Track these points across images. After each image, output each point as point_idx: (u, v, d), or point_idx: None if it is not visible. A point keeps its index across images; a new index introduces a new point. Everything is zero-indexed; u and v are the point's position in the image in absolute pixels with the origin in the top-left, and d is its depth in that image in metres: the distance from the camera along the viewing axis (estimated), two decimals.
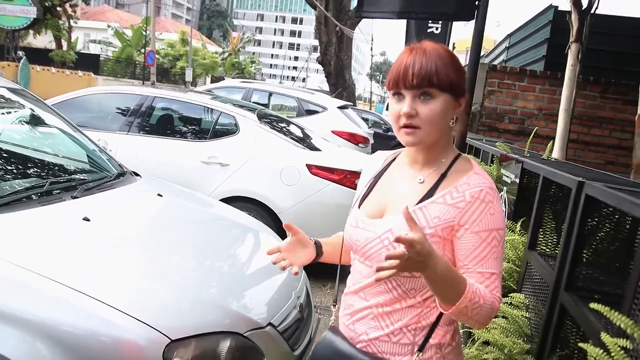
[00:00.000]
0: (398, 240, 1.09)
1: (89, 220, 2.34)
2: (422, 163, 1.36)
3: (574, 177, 1.55)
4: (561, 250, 1.52)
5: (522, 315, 1.71)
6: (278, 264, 1.47)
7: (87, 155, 3.31)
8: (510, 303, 1.79)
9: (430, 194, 1.30)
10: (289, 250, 1.48)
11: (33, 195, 2.44)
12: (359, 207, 1.42)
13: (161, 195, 3.05)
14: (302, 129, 5.90)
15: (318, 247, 1.53)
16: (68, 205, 2.47)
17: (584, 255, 1.51)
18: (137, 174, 3.32)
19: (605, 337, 1.10)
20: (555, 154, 5.05)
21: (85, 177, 2.98)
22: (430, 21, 6.56)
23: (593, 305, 1.08)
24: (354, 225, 1.39)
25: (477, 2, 2.54)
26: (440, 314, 1.30)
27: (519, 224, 2.15)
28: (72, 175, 3.00)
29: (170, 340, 1.83)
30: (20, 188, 2.49)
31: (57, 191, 2.59)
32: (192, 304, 2.07)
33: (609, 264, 1.46)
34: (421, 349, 1.30)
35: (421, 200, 1.30)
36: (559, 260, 1.52)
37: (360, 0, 2.79)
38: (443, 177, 1.32)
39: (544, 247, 1.90)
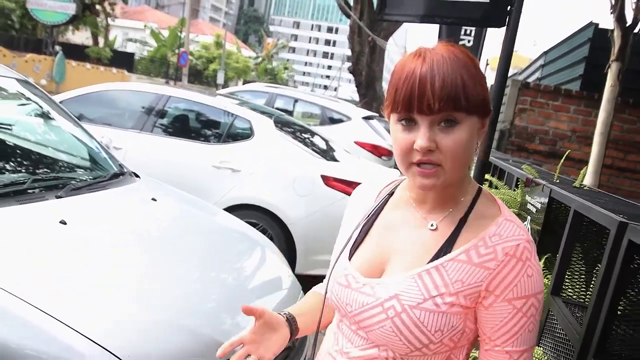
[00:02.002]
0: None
1: (65, 223, 2.13)
2: (433, 203, 1.04)
3: (614, 215, 1.27)
4: (592, 305, 1.24)
5: None
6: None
7: (86, 153, 3.14)
8: None
9: (447, 247, 0.99)
10: (254, 342, 1.10)
11: (12, 192, 2.25)
12: (349, 259, 1.09)
13: (155, 200, 2.84)
14: (325, 140, 5.67)
15: (292, 324, 1.16)
16: (48, 206, 2.28)
17: (621, 310, 1.23)
18: (136, 175, 3.12)
19: None
20: (588, 179, 4.72)
21: (76, 176, 2.80)
22: (462, 32, 6.28)
23: None
24: (343, 284, 1.06)
25: (509, 8, 2.27)
26: None
27: (543, 261, 1.87)
28: (63, 173, 2.82)
29: None
30: None
31: (39, 189, 2.40)
32: (160, 328, 1.82)
33: None
34: None
35: (436, 256, 0.99)
36: (588, 317, 1.24)
37: (383, 2, 2.55)
38: (463, 222, 1.01)
39: (570, 293, 1.62)
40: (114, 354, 1.60)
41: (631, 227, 1.17)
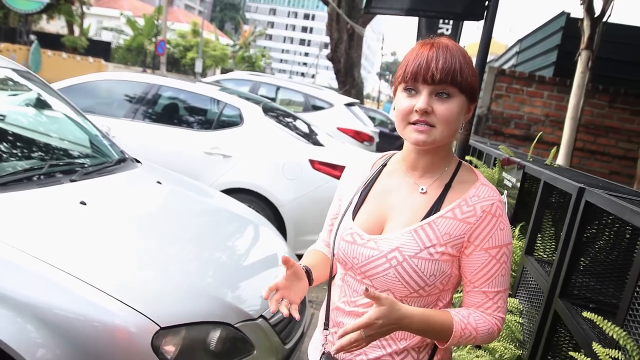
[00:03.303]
0: (367, 295, 1.05)
1: (85, 204, 2.33)
2: (423, 170, 1.26)
3: (575, 182, 1.52)
4: (558, 257, 1.49)
5: (515, 321, 1.69)
6: (279, 306, 1.23)
7: (90, 140, 3.30)
8: None
9: (436, 207, 1.21)
10: (286, 287, 1.25)
11: (32, 177, 2.43)
12: (352, 219, 1.29)
13: (160, 183, 3.04)
14: (307, 125, 5.88)
15: (309, 275, 1.33)
16: (66, 188, 2.47)
17: (581, 263, 1.49)
18: (137, 161, 3.31)
19: (597, 347, 1.08)
20: (560, 161, 5.02)
21: (85, 162, 2.97)
22: (441, 22, 6.52)
23: (586, 314, 1.06)
24: (349, 240, 1.26)
25: (487, 2, 2.51)
26: None
27: (518, 228, 2.12)
28: (73, 159, 2.99)
29: (159, 328, 1.82)
30: (20, 169, 2.49)
31: (56, 174, 2.58)
32: (184, 292, 2.06)
33: (606, 273, 1.43)
34: None
35: (428, 214, 1.21)
36: (555, 267, 1.49)
37: None
38: (448, 187, 1.23)
39: (541, 253, 1.87)
40: (145, 315, 1.81)
41: (588, 190, 1.42)
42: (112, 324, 1.79)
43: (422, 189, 1.25)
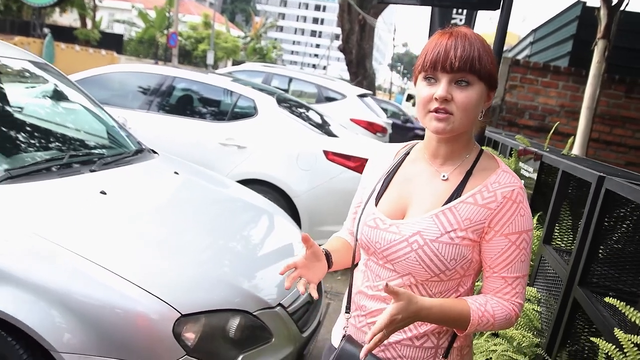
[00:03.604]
0: (386, 290, 1.08)
1: (105, 193, 2.37)
2: (444, 158, 1.28)
3: (594, 171, 1.52)
4: (577, 245, 1.50)
5: (534, 309, 1.70)
6: (295, 284, 1.28)
7: (107, 132, 3.34)
8: None
9: (457, 192, 1.23)
10: (305, 266, 1.29)
11: (53, 167, 2.47)
12: (375, 205, 1.32)
13: (177, 173, 3.08)
14: (320, 116, 5.89)
15: (329, 258, 1.37)
16: (86, 178, 2.51)
17: (600, 251, 1.49)
18: (154, 152, 3.34)
19: (618, 333, 1.08)
20: (575, 152, 4.98)
21: (104, 152, 3.01)
22: (454, 11, 6.48)
23: (608, 299, 1.07)
24: (372, 225, 1.29)
25: None
26: None
27: (535, 218, 2.13)
28: (91, 150, 3.03)
29: (180, 315, 1.85)
30: (41, 159, 2.53)
31: (76, 164, 2.62)
32: (203, 280, 2.09)
33: (626, 262, 1.43)
34: (446, 354, 1.26)
35: (449, 200, 1.23)
36: (574, 255, 1.50)
37: None
38: (469, 174, 1.25)
39: (559, 242, 1.88)
40: (166, 302, 1.85)
41: (608, 179, 1.42)
42: (135, 311, 1.83)
43: (443, 176, 1.27)
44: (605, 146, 6.44)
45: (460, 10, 6.65)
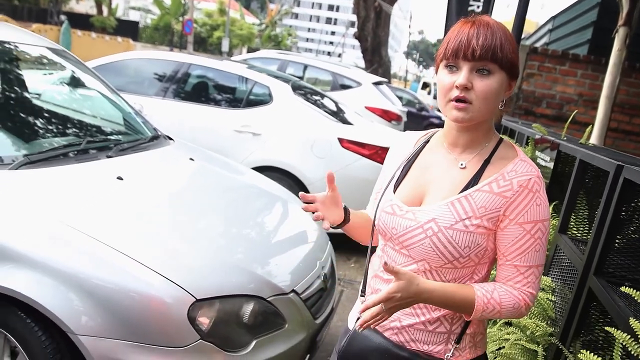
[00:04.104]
0: (386, 269, 1.11)
1: (122, 179, 2.39)
2: (463, 146, 1.28)
3: (612, 160, 1.50)
4: (593, 234, 1.48)
5: (548, 299, 1.69)
6: (312, 214, 1.37)
7: (123, 118, 3.36)
8: None
9: (474, 181, 1.23)
10: (323, 204, 1.38)
11: (70, 153, 2.50)
12: (394, 192, 1.33)
13: (193, 160, 3.10)
14: (335, 103, 5.88)
15: (347, 213, 1.43)
16: (103, 164, 2.53)
17: (617, 241, 1.48)
18: (170, 138, 3.36)
19: (634, 322, 1.08)
20: (593, 141, 4.91)
21: (121, 138, 3.04)
22: None
23: (624, 289, 1.06)
24: (389, 211, 1.30)
25: None
26: None
27: (551, 207, 2.11)
28: (108, 136, 3.06)
29: (195, 300, 1.87)
30: (58, 145, 2.56)
31: (93, 150, 2.65)
32: (218, 266, 2.11)
33: None
34: (458, 340, 1.27)
35: (465, 188, 1.23)
36: (590, 244, 1.49)
37: None
38: (487, 163, 1.25)
39: (575, 232, 1.86)
40: (181, 287, 1.87)
41: (626, 168, 1.40)
42: (151, 295, 1.85)
43: (461, 164, 1.27)
44: (625, 136, 6.33)
45: None
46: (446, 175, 1.28)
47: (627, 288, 1.06)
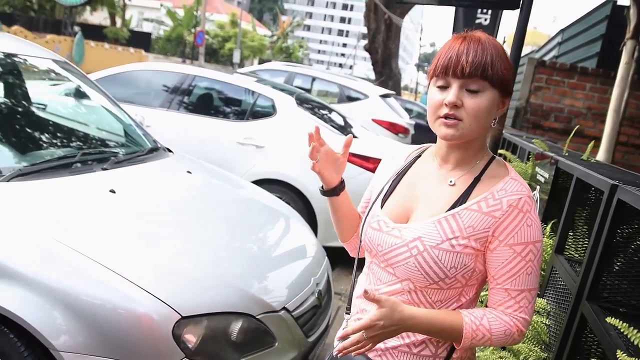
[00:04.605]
0: (367, 297, 1.08)
1: (114, 192, 2.36)
2: (454, 163, 1.24)
3: (608, 179, 1.44)
4: (587, 258, 1.42)
5: (542, 322, 1.63)
6: (310, 155, 1.35)
7: (124, 130, 3.35)
8: None
9: (463, 199, 1.19)
10: (326, 153, 1.36)
11: (64, 165, 2.48)
12: (381, 207, 1.29)
13: (190, 173, 3.07)
14: (343, 117, 5.84)
15: (342, 184, 1.40)
16: (97, 177, 2.51)
17: (615, 264, 1.42)
18: (170, 150, 3.34)
19: (621, 355, 1.02)
20: (601, 155, 4.84)
21: (118, 150, 3.02)
22: (479, 11, 6.35)
23: (610, 319, 1.00)
24: (375, 227, 1.27)
25: None
26: None
27: (549, 226, 2.05)
28: (106, 148, 3.05)
29: (181, 317, 1.84)
30: (53, 157, 2.54)
31: (89, 162, 2.63)
32: (207, 282, 2.07)
33: (639, 277, 1.35)
34: None
35: (453, 206, 1.19)
36: (583, 268, 1.43)
37: None
38: (477, 181, 1.21)
39: (572, 252, 1.80)
40: (166, 304, 1.83)
41: (621, 188, 1.35)
42: (136, 311, 1.82)
43: (450, 181, 1.23)
44: (634, 150, 6.24)
45: (485, 10, 6.53)
46: (435, 192, 1.24)
47: (613, 319, 1.00)
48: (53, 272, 1.83)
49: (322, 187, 1.41)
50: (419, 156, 1.34)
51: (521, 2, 2.47)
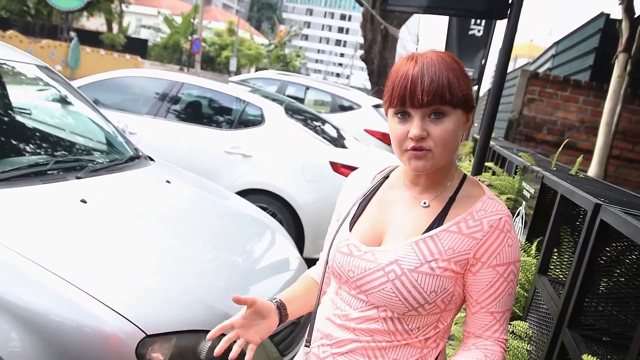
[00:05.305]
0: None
1: (85, 202, 2.27)
2: (424, 186, 1.18)
3: (591, 197, 1.37)
4: (569, 281, 1.34)
5: (524, 348, 1.54)
6: (234, 346, 1.21)
7: (105, 137, 3.27)
8: (513, 332, 1.61)
9: (439, 220, 1.13)
10: (244, 326, 1.23)
11: (36, 173, 2.39)
12: (349, 230, 1.21)
13: (169, 182, 2.98)
14: (334, 127, 5.77)
15: (281, 310, 1.28)
16: (69, 185, 2.42)
17: (596, 289, 1.34)
18: (151, 159, 3.25)
19: None
20: (593, 169, 4.78)
21: (95, 158, 2.93)
22: (472, 22, 6.32)
23: (586, 357, 0.92)
24: (345, 252, 1.18)
25: (510, 1, 2.35)
26: (439, 354, 1.18)
27: (535, 244, 1.97)
28: (84, 156, 2.96)
29: (145, 335, 1.74)
30: (24, 164, 2.45)
31: (62, 170, 2.54)
32: (177, 299, 1.97)
33: (623, 303, 1.27)
34: None
35: (430, 227, 1.13)
36: (565, 292, 1.35)
37: None
38: (452, 201, 1.15)
39: (557, 273, 1.72)
40: (130, 321, 1.74)
41: (604, 208, 1.27)
42: (101, 329, 1.73)
43: (424, 203, 1.17)
44: (627, 164, 6.19)
45: (479, 21, 6.50)
46: (408, 214, 1.17)
47: (589, 357, 0.91)
48: (13, 288, 1.73)
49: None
50: (386, 177, 1.27)
51: (509, 12, 2.40)
